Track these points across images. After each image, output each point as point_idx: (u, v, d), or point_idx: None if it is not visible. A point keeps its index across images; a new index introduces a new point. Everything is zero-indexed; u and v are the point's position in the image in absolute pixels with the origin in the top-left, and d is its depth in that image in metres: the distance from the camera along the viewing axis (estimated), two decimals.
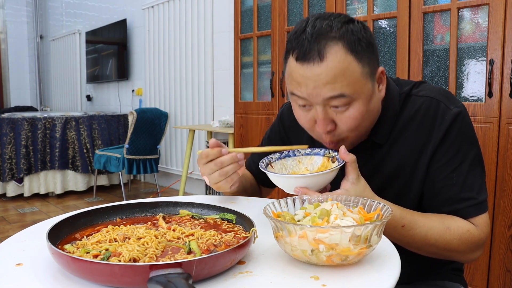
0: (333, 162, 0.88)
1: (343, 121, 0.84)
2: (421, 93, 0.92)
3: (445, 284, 1.02)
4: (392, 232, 0.84)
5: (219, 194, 1.11)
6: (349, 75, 0.79)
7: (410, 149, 0.91)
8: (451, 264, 1.05)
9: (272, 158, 0.93)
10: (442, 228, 0.85)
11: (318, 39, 0.79)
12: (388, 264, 0.67)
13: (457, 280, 1.04)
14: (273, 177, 0.85)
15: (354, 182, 0.82)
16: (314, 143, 1.00)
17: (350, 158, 0.82)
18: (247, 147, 0.87)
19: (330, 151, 0.92)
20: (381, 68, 0.88)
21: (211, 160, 0.89)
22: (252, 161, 1.17)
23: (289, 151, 0.95)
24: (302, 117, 0.88)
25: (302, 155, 0.95)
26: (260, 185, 1.20)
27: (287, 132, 1.11)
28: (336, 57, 0.79)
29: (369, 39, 0.83)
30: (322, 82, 0.79)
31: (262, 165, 0.90)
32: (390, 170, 0.93)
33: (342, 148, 0.83)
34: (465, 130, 0.88)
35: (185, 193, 4.01)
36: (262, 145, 1.20)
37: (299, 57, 0.81)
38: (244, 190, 1.10)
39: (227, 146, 3.53)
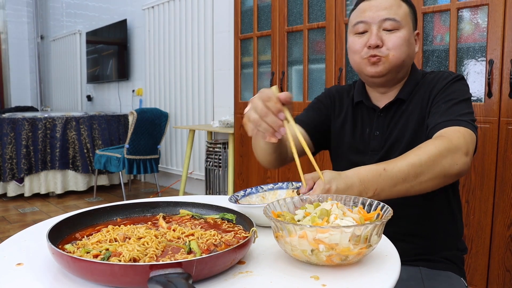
0: (297, 194, 0.84)
1: (390, 38, 1.05)
2: (435, 71, 1.15)
3: (449, 275, 1.06)
4: (380, 180, 0.84)
5: (219, 194, 1.11)
6: (401, 8, 1.07)
7: (421, 106, 1.08)
8: (454, 254, 1.10)
9: (238, 195, 0.95)
10: (415, 150, 0.90)
11: None
12: (388, 264, 0.67)
13: (459, 273, 1.09)
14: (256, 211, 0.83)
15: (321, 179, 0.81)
16: (353, 108, 1.19)
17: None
18: (299, 132, 0.84)
19: (294, 183, 0.97)
20: (417, 31, 1.13)
21: (267, 105, 0.81)
22: (301, 120, 1.23)
23: (252, 188, 0.99)
24: (356, 42, 1.09)
25: (265, 190, 0.98)
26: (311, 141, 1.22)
27: (334, 96, 1.26)
28: None
29: (414, 7, 1.13)
30: (382, 8, 1.06)
31: (231, 201, 0.90)
32: (404, 121, 1.09)
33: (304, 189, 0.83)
34: (461, 83, 1.07)
35: (185, 193, 4.01)
36: (306, 108, 1.29)
37: None
38: (279, 146, 1.08)
39: (227, 146, 3.49)
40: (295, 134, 0.86)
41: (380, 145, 1.12)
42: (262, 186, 0.98)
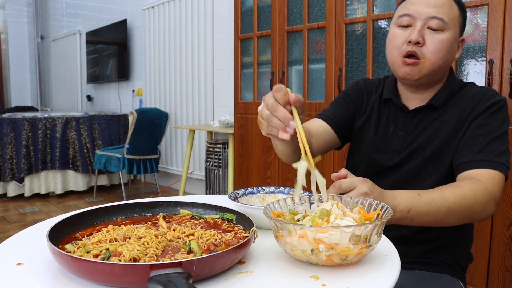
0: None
1: (432, 40, 1.00)
2: (475, 86, 1.10)
3: (443, 277, 1.04)
4: (415, 202, 0.86)
5: (219, 194, 1.11)
6: (452, 10, 1.01)
7: (455, 118, 1.04)
8: (453, 260, 1.07)
9: (238, 193, 0.95)
10: (452, 187, 0.90)
11: None
12: (387, 264, 0.67)
13: (457, 276, 1.07)
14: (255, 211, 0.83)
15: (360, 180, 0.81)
16: (380, 104, 1.16)
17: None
18: (300, 125, 0.81)
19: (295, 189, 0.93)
20: (463, 38, 1.08)
21: (275, 96, 0.80)
22: (327, 113, 1.20)
23: (253, 188, 0.98)
24: (398, 35, 1.04)
25: (266, 192, 0.98)
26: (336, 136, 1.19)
27: (362, 90, 1.22)
28: None
29: (465, 10, 1.07)
30: (432, 4, 1.00)
31: (231, 198, 0.90)
32: (434, 130, 1.05)
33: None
34: (503, 111, 1.02)
35: (185, 193, 4.01)
36: (333, 102, 1.24)
37: None
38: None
39: (227, 146, 3.49)
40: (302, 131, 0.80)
41: (403, 147, 1.08)
42: (263, 188, 0.98)
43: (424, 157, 1.04)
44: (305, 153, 0.77)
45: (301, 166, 0.77)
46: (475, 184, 0.90)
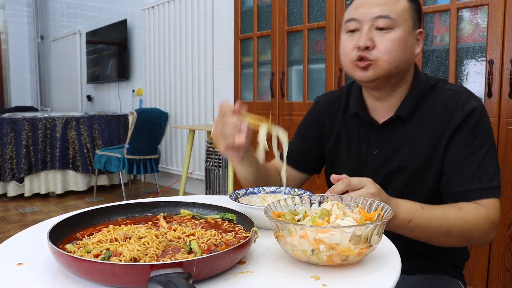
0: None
1: (383, 40, 0.95)
2: (446, 87, 1.02)
3: (444, 279, 1.04)
4: (418, 215, 0.86)
5: (219, 194, 1.11)
6: (397, 4, 0.96)
7: (431, 133, 0.98)
8: (451, 260, 1.06)
9: (239, 193, 0.95)
10: (456, 208, 0.89)
11: None
12: (388, 264, 0.67)
13: (457, 277, 1.06)
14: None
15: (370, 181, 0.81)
16: (347, 122, 1.10)
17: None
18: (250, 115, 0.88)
19: (296, 189, 0.96)
20: (421, 30, 1.01)
21: (220, 110, 0.90)
22: (292, 152, 1.17)
23: (254, 188, 0.98)
24: (347, 41, 1.00)
25: (267, 192, 0.98)
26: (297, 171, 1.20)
27: (323, 113, 1.17)
28: None
29: (419, 2, 1.02)
30: (375, 4, 0.96)
31: (231, 198, 0.90)
32: (413, 148, 1.00)
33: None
34: (483, 121, 0.95)
35: (185, 193, 4.01)
36: (297, 132, 1.23)
37: None
38: (259, 171, 1.08)
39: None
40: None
41: (379, 165, 1.03)
42: (264, 188, 0.99)
43: (405, 178, 1.00)
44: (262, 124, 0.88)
45: (262, 129, 0.88)
46: (478, 210, 0.89)
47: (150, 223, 0.81)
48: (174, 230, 0.74)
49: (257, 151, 0.92)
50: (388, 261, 0.68)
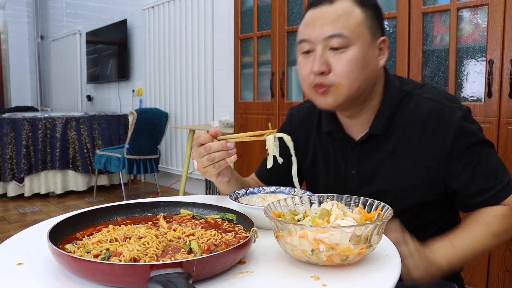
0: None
1: (339, 62, 0.86)
2: (425, 95, 0.94)
3: (438, 283, 1.01)
4: (451, 254, 0.84)
5: (219, 194, 1.11)
6: (351, 18, 0.87)
7: (414, 150, 0.92)
8: None
9: (239, 193, 0.95)
10: (482, 224, 0.87)
11: None
12: (388, 264, 0.67)
13: (452, 279, 1.03)
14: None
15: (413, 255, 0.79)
16: (321, 138, 1.04)
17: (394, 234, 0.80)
18: (234, 134, 0.90)
19: (296, 189, 0.95)
20: (384, 37, 0.93)
21: (202, 145, 0.91)
22: (265, 169, 1.16)
23: (254, 188, 0.98)
24: (302, 65, 0.92)
25: (267, 192, 0.98)
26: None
27: (296, 130, 1.11)
28: (343, 3, 0.88)
29: (377, 6, 0.93)
30: (327, 21, 0.87)
31: (231, 198, 0.91)
32: (394, 167, 0.94)
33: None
34: (473, 127, 0.91)
35: (185, 193, 4.01)
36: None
37: (313, 2, 0.91)
38: (243, 186, 1.08)
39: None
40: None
41: (359, 186, 0.98)
42: (264, 188, 0.98)
43: (389, 199, 0.90)
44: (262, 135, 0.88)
45: (269, 139, 0.89)
46: (506, 218, 0.88)
47: (150, 223, 0.81)
48: (174, 230, 0.74)
49: (267, 159, 0.92)
50: (388, 261, 0.68)
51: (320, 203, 0.78)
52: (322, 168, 1.04)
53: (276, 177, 1.14)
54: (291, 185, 1.10)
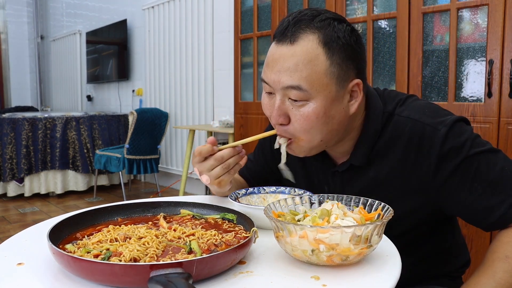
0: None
1: (297, 117, 0.78)
2: (404, 114, 0.85)
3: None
4: None
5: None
6: (311, 67, 0.75)
7: (397, 173, 0.85)
8: (442, 273, 1.01)
9: (239, 193, 0.95)
10: (501, 260, 0.77)
11: (298, 24, 0.77)
12: (388, 264, 0.67)
13: (450, 285, 1.00)
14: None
15: None
16: (303, 159, 0.98)
17: None
18: (232, 143, 0.87)
19: (296, 189, 0.94)
20: (357, 81, 0.81)
21: (207, 157, 0.86)
22: (246, 167, 1.15)
23: (254, 188, 0.97)
24: (265, 104, 0.85)
25: (267, 192, 0.97)
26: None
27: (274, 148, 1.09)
28: (306, 44, 0.76)
29: (351, 44, 0.78)
30: (284, 68, 0.77)
31: (231, 198, 0.90)
32: (377, 194, 0.85)
33: None
34: (461, 140, 0.80)
35: (185, 193, 4.01)
36: (255, 151, 1.18)
37: (275, 36, 0.81)
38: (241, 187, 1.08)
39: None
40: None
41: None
42: (264, 188, 0.98)
43: None
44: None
45: (283, 146, 0.86)
46: None
47: (150, 223, 0.81)
48: (174, 230, 0.74)
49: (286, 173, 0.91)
50: (388, 261, 0.68)
51: (320, 203, 0.78)
52: (306, 187, 0.99)
53: (254, 178, 1.14)
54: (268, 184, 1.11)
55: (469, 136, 0.81)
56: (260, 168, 1.14)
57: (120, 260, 0.61)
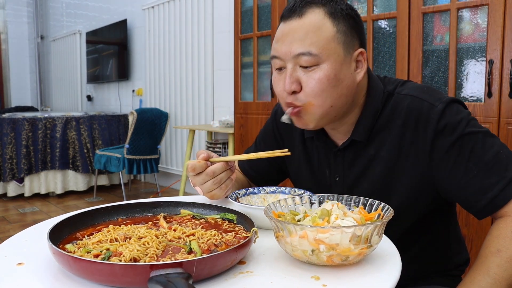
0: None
1: (308, 82, 0.83)
2: (404, 92, 0.89)
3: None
4: None
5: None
6: (320, 34, 0.82)
7: (395, 150, 0.88)
8: (442, 270, 1.01)
9: (239, 193, 0.95)
10: (494, 254, 0.77)
11: (305, 1, 0.85)
12: (388, 264, 0.67)
13: (449, 285, 0.99)
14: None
15: None
16: (305, 141, 1.02)
17: None
18: (229, 156, 0.88)
19: (296, 189, 0.95)
20: (361, 49, 0.87)
21: (201, 172, 0.89)
22: (246, 162, 1.15)
23: (254, 188, 0.97)
24: (276, 81, 0.89)
25: (267, 193, 0.98)
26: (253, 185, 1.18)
27: (280, 130, 1.10)
28: (313, 16, 0.83)
29: (353, 16, 0.86)
30: (295, 38, 0.83)
31: (231, 198, 0.90)
32: (378, 172, 0.90)
33: None
34: (457, 118, 0.83)
35: (185, 193, 4.01)
36: (256, 144, 1.18)
37: (284, 15, 0.87)
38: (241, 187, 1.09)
39: (227, 147, 3.50)
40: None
41: (344, 192, 0.93)
42: (264, 188, 0.98)
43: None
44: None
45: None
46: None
47: (150, 223, 0.81)
48: (174, 230, 0.74)
49: None
50: (388, 261, 0.68)
51: (320, 203, 0.78)
52: (306, 173, 1.02)
53: (255, 172, 1.15)
54: (270, 182, 1.13)
55: (465, 116, 0.84)
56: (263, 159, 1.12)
57: (120, 260, 0.61)
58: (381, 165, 0.89)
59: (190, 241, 0.69)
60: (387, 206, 0.71)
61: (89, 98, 6.09)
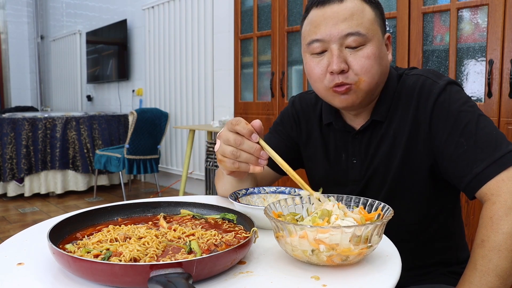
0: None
1: (357, 60, 0.86)
2: (411, 73, 0.96)
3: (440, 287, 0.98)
4: None
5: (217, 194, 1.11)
6: (364, 16, 0.87)
7: (403, 125, 0.92)
8: (446, 267, 1.02)
9: (239, 193, 0.94)
10: (481, 248, 0.77)
11: None
12: (388, 264, 0.67)
13: (453, 283, 0.99)
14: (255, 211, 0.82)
15: None
16: (321, 128, 1.04)
17: None
18: (274, 152, 0.78)
19: (296, 189, 0.95)
20: (388, 34, 0.94)
21: (237, 133, 0.78)
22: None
23: (254, 188, 0.97)
24: (314, 66, 0.90)
25: (267, 193, 0.97)
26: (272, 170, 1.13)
27: (299, 115, 1.10)
28: (354, 1, 0.88)
29: (379, 4, 0.93)
30: (341, 19, 0.86)
31: (231, 198, 0.89)
32: (388, 148, 0.93)
33: None
34: (456, 97, 0.88)
35: (185, 193, 4.01)
36: (270, 132, 1.14)
37: (319, 2, 0.89)
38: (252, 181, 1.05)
39: None
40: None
41: (361, 175, 0.97)
42: (264, 188, 0.99)
43: (387, 184, 0.93)
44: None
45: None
46: (492, 217, 0.77)
47: (150, 223, 0.81)
48: (174, 230, 0.74)
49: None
50: (388, 261, 0.68)
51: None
52: (324, 158, 1.03)
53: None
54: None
55: (464, 96, 0.89)
56: (280, 140, 1.10)
57: (120, 260, 0.61)
58: (393, 144, 0.93)
59: (190, 241, 0.69)
60: (387, 206, 0.71)
61: (89, 98, 6.09)
